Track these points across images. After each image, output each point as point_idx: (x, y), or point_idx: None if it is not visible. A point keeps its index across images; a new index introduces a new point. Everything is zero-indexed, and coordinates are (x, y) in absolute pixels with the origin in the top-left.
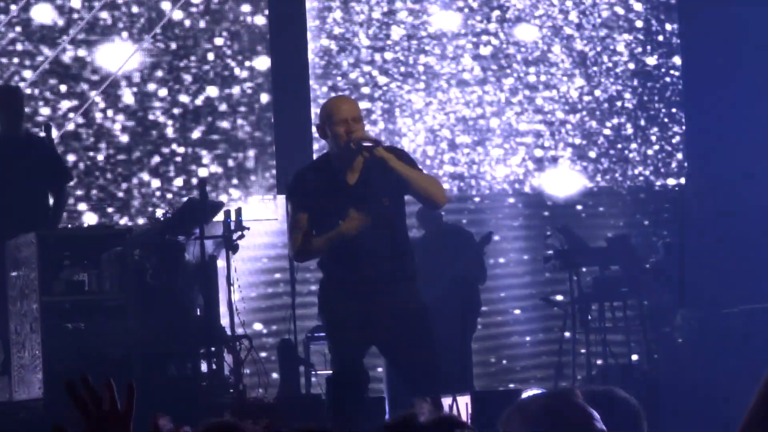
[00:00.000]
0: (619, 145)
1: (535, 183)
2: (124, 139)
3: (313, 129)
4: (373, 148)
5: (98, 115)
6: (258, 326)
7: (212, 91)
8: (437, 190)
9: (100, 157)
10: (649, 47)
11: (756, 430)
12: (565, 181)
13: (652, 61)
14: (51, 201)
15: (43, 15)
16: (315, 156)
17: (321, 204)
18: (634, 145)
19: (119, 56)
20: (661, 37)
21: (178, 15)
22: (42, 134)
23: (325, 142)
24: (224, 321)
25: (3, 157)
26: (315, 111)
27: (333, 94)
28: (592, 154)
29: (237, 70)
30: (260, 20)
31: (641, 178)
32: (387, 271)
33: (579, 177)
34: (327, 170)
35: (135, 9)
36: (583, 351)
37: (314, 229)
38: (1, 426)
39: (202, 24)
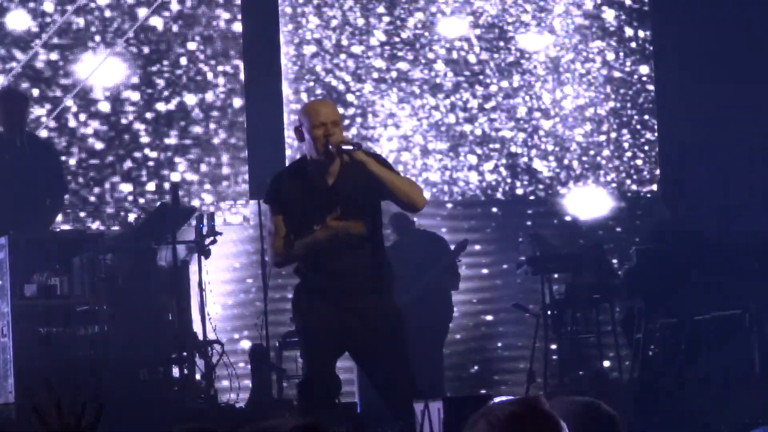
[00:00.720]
0: (592, 152)
1: (508, 189)
2: (98, 144)
3: (286, 134)
4: (353, 151)
5: (71, 120)
6: (230, 332)
7: (186, 96)
8: (416, 193)
9: (72, 162)
10: (621, 54)
11: None
12: (539, 187)
13: (625, 68)
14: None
15: (17, 20)
16: (288, 161)
17: (298, 208)
18: (606, 152)
19: (92, 61)
20: (633, 44)
21: (152, 20)
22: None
23: (301, 146)
24: (196, 326)
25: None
26: (289, 116)
27: (306, 99)
28: (566, 161)
29: (210, 75)
30: (234, 26)
31: (614, 184)
32: (363, 280)
33: (553, 183)
34: (303, 174)
35: (108, 14)
36: (554, 357)
37: (293, 234)
38: None
39: (175, 29)
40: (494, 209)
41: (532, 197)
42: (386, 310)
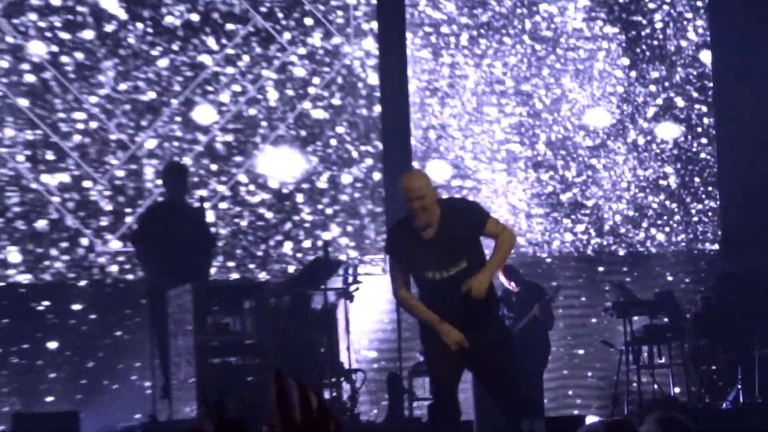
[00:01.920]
0: (665, 216)
1: (597, 247)
2: (263, 210)
3: None
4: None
5: (242, 191)
6: (370, 362)
7: (335, 170)
8: (509, 253)
9: (244, 223)
10: (689, 136)
11: None
12: (622, 245)
13: (692, 148)
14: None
15: (202, 113)
16: None
17: (409, 258)
18: (677, 217)
19: (260, 143)
20: (699, 129)
21: (312, 111)
22: (197, 204)
23: None
24: (343, 357)
25: (168, 221)
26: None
27: (432, 173)
28: (644, 224)
29: (355, 154)
30: (374, 113)
31: (683, 243)
32: (476, 321)
33: (632, 241)
34: (409, 227)
35: (273, 104)
36: (634, 385)
37: (411, 278)
38: None
39: (327, 116)
40: (584, 264)
41: (617, 254)
42: (500, 333)
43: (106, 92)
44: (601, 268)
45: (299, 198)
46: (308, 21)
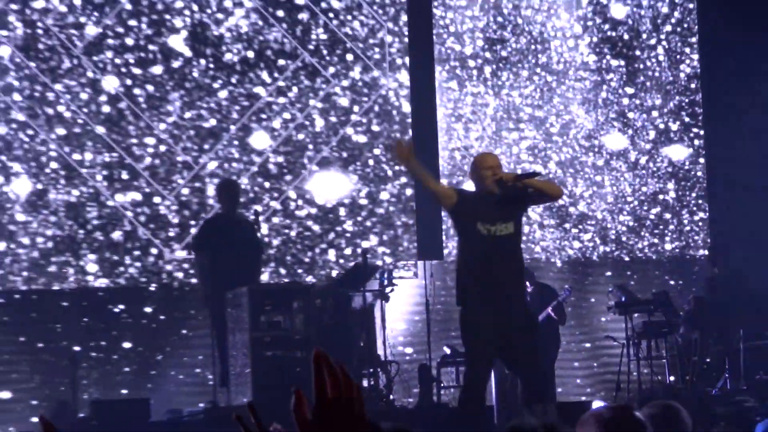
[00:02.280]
0: (661, 227)
1: (601, 253)
2: (310, 222)
3: (443, 213)
4: (530, 175)
5: (291, 204)
6: (403, 354)
7: (373, 187)
8: (556, 190)
9: (293, 233)
10: (682, 155)
11: None
12: (624, 251)
13: (684, 166)
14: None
15: (257, 139)
16: (444, 232)
17: (467, 201)
18: (671, 227)
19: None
20: (691, 149)
21: (353, 135)
22: (252, 218)
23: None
24: (379, 350)
25: (223, 232)
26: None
27: (459, 165)
28: (642, 233)
29: (390, 172)
30: (406, 136)
31: (677, 250)
32: (511, 286)
33: (632, 249)
34: (475, 193)
35: (318, 129)
36: (635, 374)
37: (453, 192)
38: (225, 424)
39: (365, 139)
40: (591, 268)
41: (620, 259)
42: (529, 317)
43: (173, 120)
44: (607, 273)
45: (341, 212)
46: (349, 57)
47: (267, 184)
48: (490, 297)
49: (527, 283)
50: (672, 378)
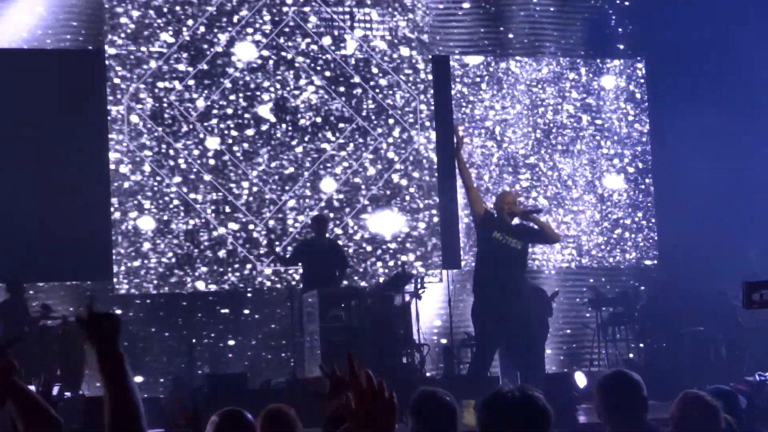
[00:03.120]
0: (622, 243)
1: (578, 263)
2: (363, 243)
3: (461, 235)
4: (536, 212)
5: (350, 230)
6: (431, 338)
7: (410, 216)
8: (555, 236)
9: (351, 251)
10: (636, 190)
11: None
12: (595, 261)
13: (639, 197)
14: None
15: (326, 185)
16: (461, 250)
17: (492, 217)
18: (630, 243)
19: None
20: (642, 186)
21: (394, 177)
22: (333, 240)
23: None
24: (415, 336)
25: (316, 251)
26: (462, 221)
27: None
28: (609, 248)
29: (421, 205)
30: (433, 178)
31: (634, 260)
32: (514, 286)
33: (601, 260)
34: (496, 217)
35: (370, 174)
36: (603, 352)
37: (482, 204)
38: (301, 391)
39: (403, 181)
40: (572, 275)
41: (592, 266)
42: (528, 314)
43: (262, 168)
44: (584, 278)
45: (386, 235)
46: (391, 121)
47: (332, 215)
48: (497, 292)
49: None
50: (631, 355)
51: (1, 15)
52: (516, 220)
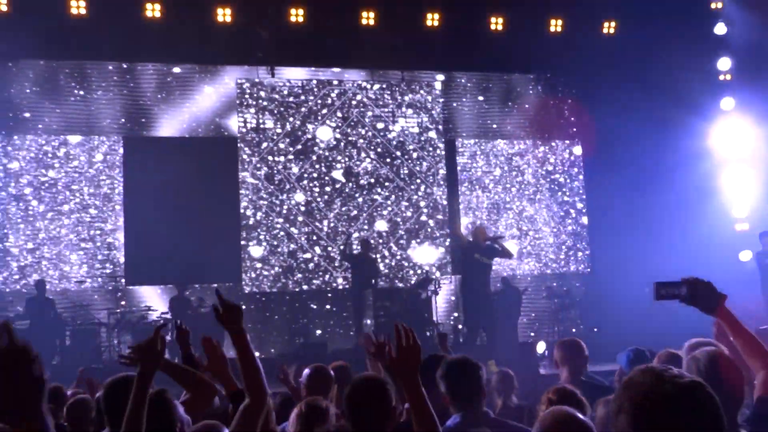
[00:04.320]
0: (563, 255)
1: (537, 272)
2: (402, 261)
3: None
4: (500, 238)
5: (397, 255)
6: (445, 321)
7: (429, 242)
8: (511, 254)
9: (393, 264)
10: (575, 220)
11: None
12: (548, 270)
13: (577, 229)
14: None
15: (379, 224)
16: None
17: (474, 244)
18: (573, 261)
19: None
20: (577, 218)
21: (422, 217)
22: (374, 256)
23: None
24: (434, 318)
25: (362, 264)
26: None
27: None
28: (552, 257)
29: (437, 235)
30: (445, 219)
31: (572, 268)
32: (485, 287)
33: (555, 269)
34: (475, 243)
35: (406, 215)
36: (556, 329)
37: (467, 251)
38: (358, 352)
39: (432, 222)
40: (534, 281)
41: (547, 273)
42: (492, 301)
43: (336, 212)
44: (544, 282)
45: (415, 257)
46: (418, 180)
47: (380, 240)
48: (475, 290)
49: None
50: (573, 329)
51: (170, 114)
52: (487, 243)
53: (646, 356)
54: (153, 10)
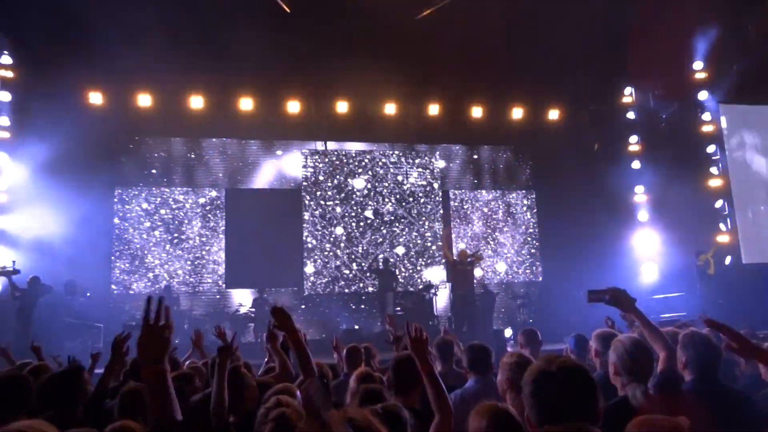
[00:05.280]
0: (522, 269)
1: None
2: (415, 274)
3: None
4: (478, 256)
5: (416, 278)
6: (444, 315)
7: (434, 264)
8: (480, 262)
9: (406, 275)
10: (534, 255)
11: None
12: (508, 279)
13: (536, 264)
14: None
15: (397, 249)
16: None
17: (456, 263)
18: (530, 272)
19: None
20: (534, 257)
21: (428, 245)
22: (396, 271)
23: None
24: (435, 312)
25: (384, 275)
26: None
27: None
28: (516, 270)
29: (437, 255)
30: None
31: (530, 277)
32: (471, 292)
33: (518, 277)
34: (459, 259)
35: (417, 244)
36: (518, 319)
37: (452, 267)
38: (381, 338)
39: (433, 247)
40: (504, 288)
41: (514, 281)
42: (475, 304)
43: (368, 239)
44: (514, 289)
45: (425, 275)
46: (423, 218)
47: (398, 259)
48: (461, 293)
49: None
50: (530, 320)
51: (256, 173)
52: (468, 260)
53: (585, 339)
54: (246, 103)
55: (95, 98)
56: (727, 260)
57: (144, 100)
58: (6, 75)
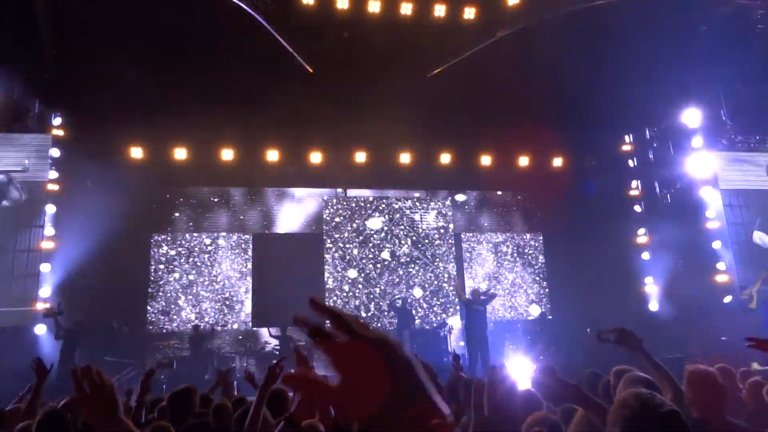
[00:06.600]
0: (531, 306)
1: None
2: (421, 302)
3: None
4: (489, 291)
5: (424, 304)
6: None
7: (443, 290)
8: (495, 298)
9: (423, 310)
10: (541, 287)
11: None
12: (518, 316)
13: (543, 290)
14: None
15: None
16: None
17: (470, 302)
18: (535, 300)
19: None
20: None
21: (443, 284)
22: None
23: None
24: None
25: (402, 312)
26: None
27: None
28: (525, 306)
29: (451, 295)
30: (453, 276)
31: (536, 311)
32: (483, 329)
33: (521, 315)
34: (473, 299)
35: (431, 280)
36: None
37: (466, 306)
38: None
39: (447, 287)
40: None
41: (524, 319)
42: (487, 339)
43: (385, 280)
44: (520, 324)
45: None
46: (437, 260)
47: (415, 299)
48: (474, 332)
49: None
50: (541, 357)
51: (281, 218)
52: (482, 299)
53: (599, 375)
54: (272, 155)
55: (136, 153)
56: None
57: (180, 153)
58: (58, 134)
